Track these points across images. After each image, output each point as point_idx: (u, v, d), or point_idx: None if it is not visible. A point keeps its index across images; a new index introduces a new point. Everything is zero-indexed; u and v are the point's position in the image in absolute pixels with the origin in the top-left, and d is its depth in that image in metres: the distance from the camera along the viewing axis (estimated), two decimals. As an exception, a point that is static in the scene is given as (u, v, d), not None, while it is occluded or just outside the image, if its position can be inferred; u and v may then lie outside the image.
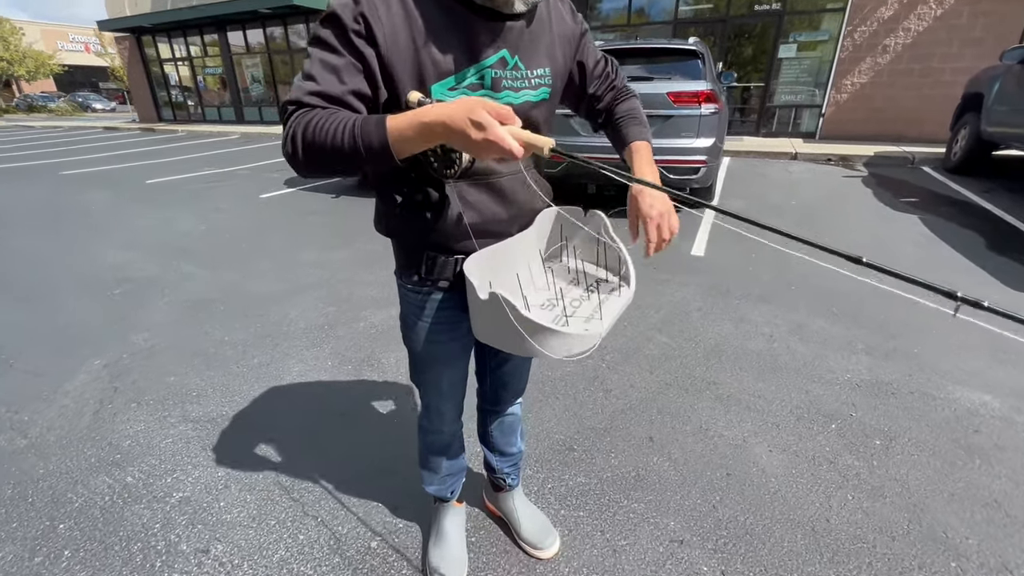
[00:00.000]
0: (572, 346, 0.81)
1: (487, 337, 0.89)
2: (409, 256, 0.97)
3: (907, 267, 2.34)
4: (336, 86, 0.73)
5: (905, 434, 1.77)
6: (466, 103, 0.65)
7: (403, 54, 0.75)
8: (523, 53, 0.83)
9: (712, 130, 4.19)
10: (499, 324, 0.79)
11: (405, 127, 0.68)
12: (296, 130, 0.72)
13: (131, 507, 1.49)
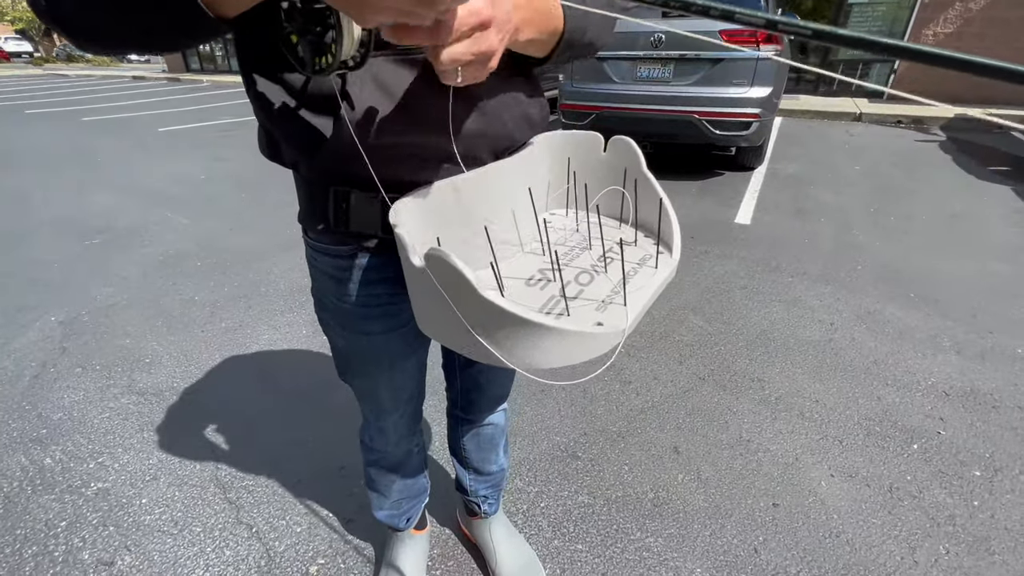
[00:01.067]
0: (572, 350, 0.44)
1: (433, 331, 0.54)
2: (312, 194, 0.61)
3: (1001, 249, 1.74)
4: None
5: (1016, 464, 1.35)
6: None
7: None
8: None
9: (770, 78, 3.58)
10: (447, 311, 0.44)
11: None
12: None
13: (40, 497, 1.25)
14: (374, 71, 0.49)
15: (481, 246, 0.54)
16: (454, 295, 0.42)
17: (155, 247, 2.75)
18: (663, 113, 3.76)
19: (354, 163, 0.51)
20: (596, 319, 0.47)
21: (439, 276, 0.42)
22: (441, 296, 0.43)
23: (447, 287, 0.42)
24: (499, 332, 0.42)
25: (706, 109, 3.65)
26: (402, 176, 0.54)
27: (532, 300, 0.52)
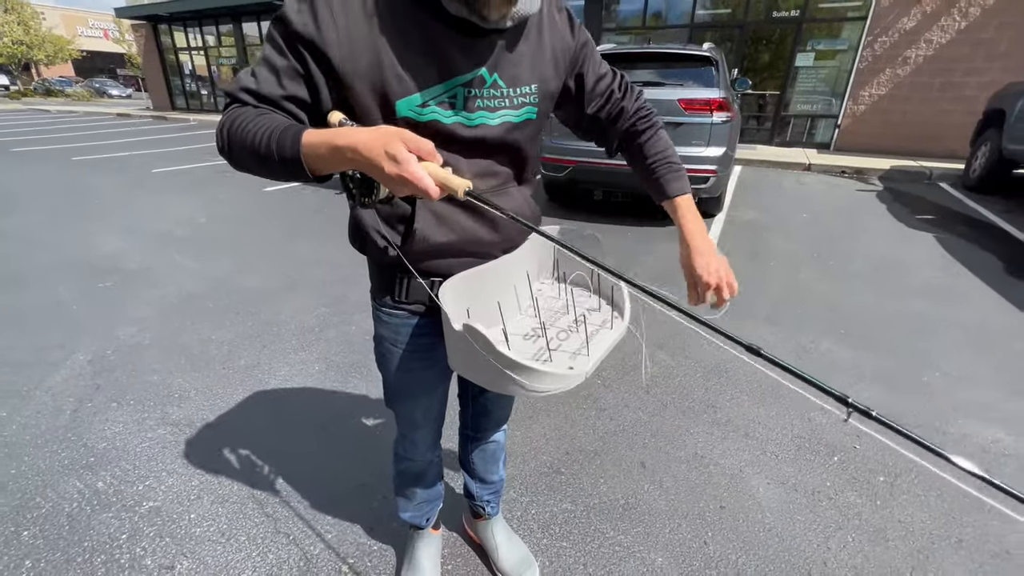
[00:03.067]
0: (552, 385, 0.74)
1: (463, 370, 0.83)
2: (382, 277, 0.90)
3: (921, 289, 2.24)
4: (274, 88, 0.69)
5: (911, 471, 1.68)
6: (385, 133, 0.60)
7: (363, 66, 0.68)
8: (504, 70, 0.75)
9: (723, 139, 4.09)
10: (475, 357, 0.72)
11: (319, 144, 0.62)
12: (225, 124, 0.68)
13: (99, 515, 1.44)
14: (435, 206, 0.80)
15: (495, 309, 0.84)
16: (484, 350, 0.71)
17: (167, 289, 2.95)
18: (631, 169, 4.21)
19: (414, 261, 0.81)
20: (569, 364, 0.77)
21: (474, 338, 0.71)
22: (473, 348, 0.72)
23: (484, 346, 0.71)
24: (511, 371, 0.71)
25: (669, 165, 4.11)
26: (443, 268, 0.84)
27: (528, 350, 0.82)
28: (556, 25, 0.82)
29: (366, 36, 0.67)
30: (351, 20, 0.67)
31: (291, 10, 0.66)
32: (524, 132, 0.82)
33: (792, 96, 9.09)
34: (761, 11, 8.92)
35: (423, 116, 0.72)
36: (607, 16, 10.25)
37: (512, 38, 0.76)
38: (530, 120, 0.82)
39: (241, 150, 0.67)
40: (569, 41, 0.83)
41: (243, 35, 15.35)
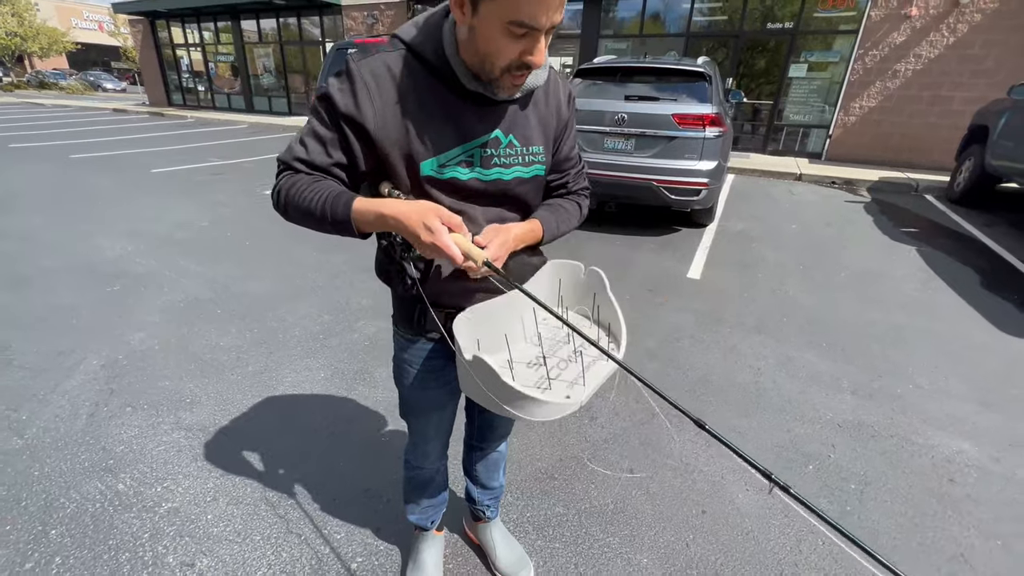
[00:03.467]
0: (550, 413, 0.84)
1: (472, 393, 0.93)
2: (403, 307, 1.00)
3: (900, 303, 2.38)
4: (322, 157, 0.81)
5: (881, 480, 1.80)
6: (423, 207, 0.73)
7: (393, 135, 0.79)
8: (518, 131, 0.87)
9: (715, 153, 4.22)
10: (482, 385, 0.83)
11: (367, 212, 0.76)
12: (282, 189, 0.82)
13: (121, 515, 1.54)
14: None
15: (502, 338, 0.95)
16: (489, 379, 0.82)
17: (174, 294, 3.03)
18: (626, 180, 4.34)
19: (432, 296, 0.91)
20: (566, 393, 0.88)
21: (481, 369, 0.81)
22: (484, 377, 0.82)
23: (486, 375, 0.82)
24: (512, 399, 0.82)
25: (663, 177, 4.24)
26: (458, 303, 0.95)
27: (529, 378, 0.93)
28: (559, 95, 0.93)
29: (396, 111, 0.78)
30: (384, 100, 0.77)
31: (335, 91, 0.77)
32: (532, 185, 0.94)
33: (785, 106, 9.26)
34: (756, 22, 9.08)
35: (443, 174, 0.83)
36: (604, 22, 10.37)
37: (523, 103, 0.87)
38: (538, 176, 0.93)
39: (296, 211, 0.80)
40: (564, 113, 0.95)
41: (241, 32, 15.33)
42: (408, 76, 0.79)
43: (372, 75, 0.77)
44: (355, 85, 0.76)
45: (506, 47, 0.71)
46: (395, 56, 0.79)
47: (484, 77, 0.77)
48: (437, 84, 0.80)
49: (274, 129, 12.04)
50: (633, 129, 4.27)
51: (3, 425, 1.89)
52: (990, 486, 1.79)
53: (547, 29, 0.70)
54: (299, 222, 0.83)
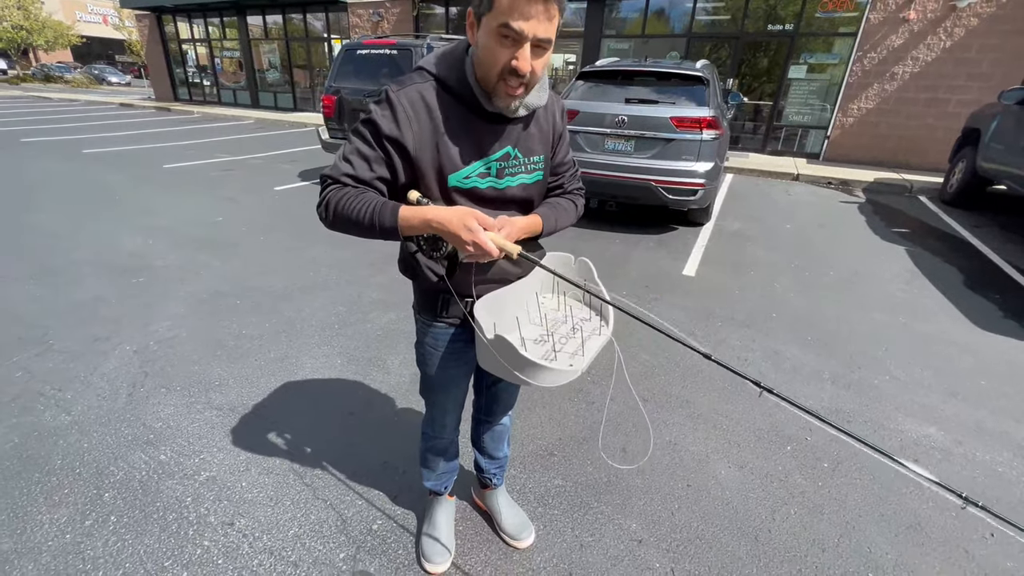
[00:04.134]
0: (558, 379, 1.01)
1: (490, 368, 1.10)
2: (427, 297, 1.17)
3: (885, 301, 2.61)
4: (366, 172, 0.96)
5: (852, 459, 1.98)
6: (463, 211, 0.89)
7: (427, 153, 0.96)
8: (523, 146, 1.04)
9: (712, 155, 4.38)
10: (501, 359, 0.99)
11: (412, 218, 0.91)
12: (330, 200, 0.96)
13: (165, 482, 1.71)
14: None
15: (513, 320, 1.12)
16: (508, 353, 0.99)
17: (195, 286, 3.21)
18: (626, 179, 4.50)
19: (455, 285, 1.08)
20: (569, 363, 1.05)
21: (503, 346, 0.98)
22: (504, 352, 0.99)
23: (508, 350, 0.98)
24: (527, 369, 0.99)
25: (661, 178, 4.40)
26: (475, 291, 1.11)
27: (538, 352, 1.10)
28: (554, 110, 1.11)
29: (430, 133, 0.95)
30: (420, 124, 0.94)
31: (379, 117, 0.93)
32: (534, 188, 1.11)
33: (785, 106, 9.39)
34: (758, 22, 9.20)
35: (466, 184, 1.00)
36: (607, 21, 10.49)
37: (527, 121, 1.04)
38: (539, 180, 1.11)
39: (344, 221, 0.94)
40: (559, 125, 1.13)
41: (247, 27, 15.45)
42: (437, 102, 0.95)
43: (410, 103, 0.94)
44: (396, 112, 0.93)
45: (498, 53, 0.87)
46: (427, 86, 0.96)
47: (487, 88, 0.93)
48: (460, 108, 0.96)
49: (280, 125, 12.19)
50: (633, 131, 4.43)
51: (51, 404, 2.07)
52: (951, 466, 1.96)
53: (533, 41, 0.85)
54: (344, 229, 0.97)
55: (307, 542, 1.53)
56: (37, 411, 2.02)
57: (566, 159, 1.20)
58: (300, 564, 1.46)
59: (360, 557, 1.49)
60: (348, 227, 0.95)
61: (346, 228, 0.96)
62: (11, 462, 1.77)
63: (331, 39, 14.12)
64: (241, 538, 1.53)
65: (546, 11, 0.83)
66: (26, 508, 1.59)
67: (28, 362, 2.34)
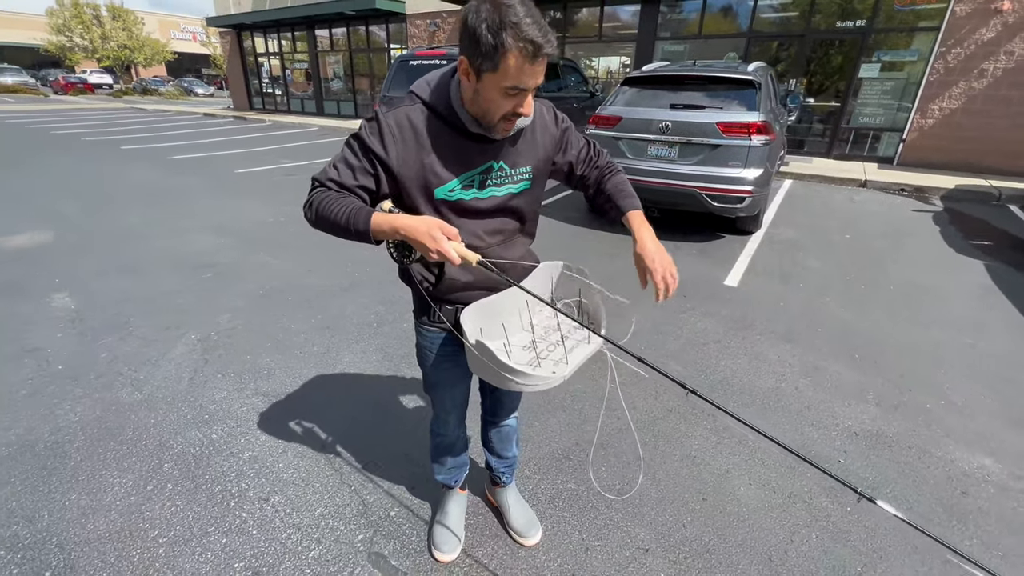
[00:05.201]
0: (539, 384, 1.06)
1: (477, 371, 1.16)
2: (421, 304, 1.26)
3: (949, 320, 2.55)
4: (350, 180, 1.04)
5: (888, 486, 1.86)
6: (427, 221, 0.96)
7: (412, 170, 1.04)
8: (508, 159, 1.11)
9: (761, 161, 4.21)
10: (483, 363, 1.06)
11: (383, 223, 0.99)
12: (314, 201, 1.05)
13: (214, 458, 1.92)
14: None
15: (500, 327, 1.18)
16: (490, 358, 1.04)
17: (253, 283, 3.51)
18: (669, 186, 4.42)
19: (444, 294, 1.16)
20: (552, 370, 1.10)
21: (481, 351, 1.04)
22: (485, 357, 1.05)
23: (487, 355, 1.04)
24: (506, 373, 1.04)
25: (706, 184, 4.29)
26: (464, 299, 1.18)
27: (523, 358, 1.15)
28: (545, 121, 1.16)
29: (415, 152, 1.03)
30: (405, 143, 1.03)
31: (366, 133, 1.03)
32: (522, 198, 1.17)
33: (854, 108, 8.79)
34: (830, 18, 8.67)
35: (451, 196, 1.08)
36: (663, 23, 10.28)
37: (514, 138, 1.11)
38: (526, 190, 1.17)
39: (324, 220, 1.03)
40: (554, 131, 1.17)
41: (316, 40, 16.49)
42: (423, 124, 1.04)
43: (396, 124, 1.03)
44: (383, 131, 1.02)
45: (503, 104, 0.95)
46: (415, 109, 1.04)
47: (485, 123, 1.01)
48: (446, 128, 1.04)
49: (341, 132, 12.90)
50: (677, 137, 4.34)
51: (127, 383, 2.36)
52: (1005, 502, 1.80)
53: (533, 89, 0.94)
54: (324, 229, 1.05)
55: (331, 522, 1.66)
56: (116, 388, 2.31)
57: (582, 150, 1.25)
58: (323, 541, 1.59)
59: (376, 540, 1.60)
60: (327, 227, 1.04)
61: (326, 227, 1.04)
62: (94, 431, 2.04)
63: (391, 49, 14.79)
64: (274, 513, 1.68)
65: (543, 66, 0.91)
66: (102, 471, 1.84)
67: (112, 345, 2.67)
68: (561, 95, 7.81)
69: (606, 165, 1.27)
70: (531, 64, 0.89)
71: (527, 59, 0.88)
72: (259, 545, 1.57)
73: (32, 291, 3.29)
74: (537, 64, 0.90)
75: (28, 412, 2.13)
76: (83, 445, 1.96)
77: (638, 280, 1.15)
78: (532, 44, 0.87)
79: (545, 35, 0.88)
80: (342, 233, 1.03)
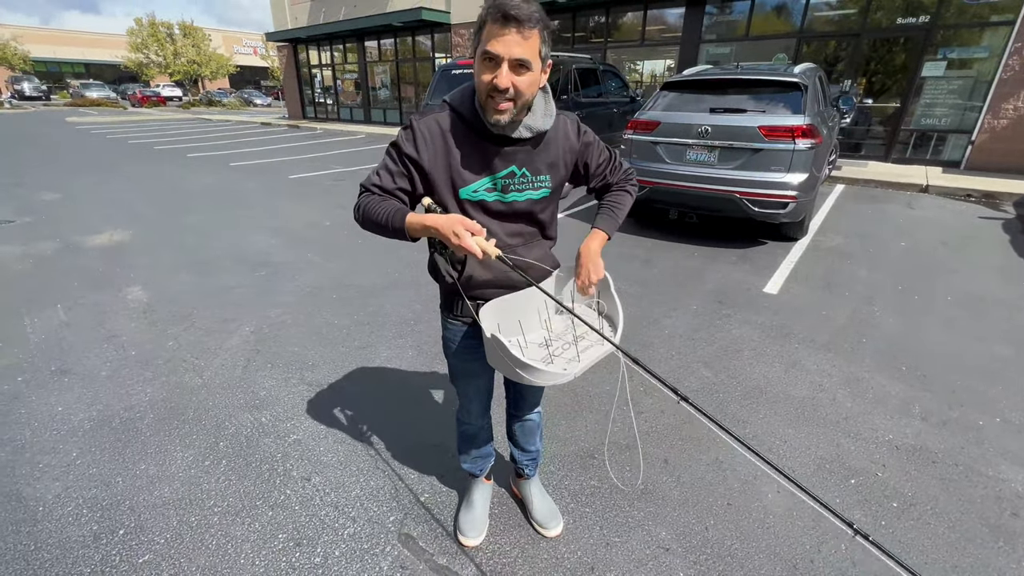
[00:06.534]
0: (549, 379, 1.12)
1: (493, 363, 1.23)
2: (446, 299, 1.35)
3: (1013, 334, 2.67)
4: (390, 183, 1.16)
5: (929, 502, 1.79)
6: (452, 219, 1.04)
7: (441, 171, 1.14)
8: (530, 166, 1.18)
9: (806, 165, 4.08)
10: (499, 356, 1.13)
11: (414, 222, 1.09)
12: (361, 204, 1.17)
13: (263, 439, 2.08)
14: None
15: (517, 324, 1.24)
16: (504, 352, 1.10)
17: (302, 280, 3.74)
18: (709, 191, 4.35)
19: (466, 290, 1.24)
20: (564, 367, 1.15)
21: (496, 344, 1.11)
22: (500, 350, 1.12)
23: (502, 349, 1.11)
24: (517, 367, 1.10)
25: (747, 190, 4.20)
26: (486, 295, 1.26)
27: (537, 354, 1.21)
28: (567, 132, 1.23)
29: (443, 154, 1.13)
30: (436, 145, 1.13)
31: (402, 140, 1.14)
32: (542, 204, 1.24)
33: (916, 108, 8.30)
34: (891, 14, 8.23)
35: (475, 197, 1.16)
36: (707, 27, 10.08)
37: (535, 144, 1.18)
38: (546, 196, 1.24)
39: (369, 221, 1.15)
40: (575, 143, 1.24)
41: (365, 51, 17.22)
42: (451, 129, 1.13)
43: (427, 129, 1.13)
44: (415, 136, 1.12)
45: (483, 75, 1.03)
46: (443, 115, 1.14)
47: (483, 107, 1.08)
48: (471, 133, 1.13)
49: (387, 139, 13.39)
50: (717, 141, 4.28)
51: (189, 368, 2.59)
52: (1062, 527, 1.69)
53: (510, 63, 1.00)
54: (370, 229, 1.17)
55: (365, 503, 1.77)
56: (180, 372, 2.55)
57: (601, 160, 1.32)
58: (357, 520, 1.71)
59: (406, 522, 1.70)
60: (372, 227, 1.15)
61: (371, 228, 1.16)
62: (162, 409, 2.26)
63: (436, 58, 15.23)
64: (315, 492, 1.82)
65: (519, 34, 0.98)
66: (167, 446, 2.04)
67: (178, 334, 2.93)
68: (601, 100, 7.82)
69: (617, 180, 1.35)
70: (501, 28, 0.97)
71: (496, 24, 0.97)
72: (300, 520, 1.70)
73: (111, 285, 3.65)
74: (508, 31, 0.97)
75: (107, 391, 2.39)
76: (152, 422, 2.18)
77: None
78: (497, 9, 0.96)
79: (517, 6, 0.96)
80: (384, 232, 1.14)
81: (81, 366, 2.59)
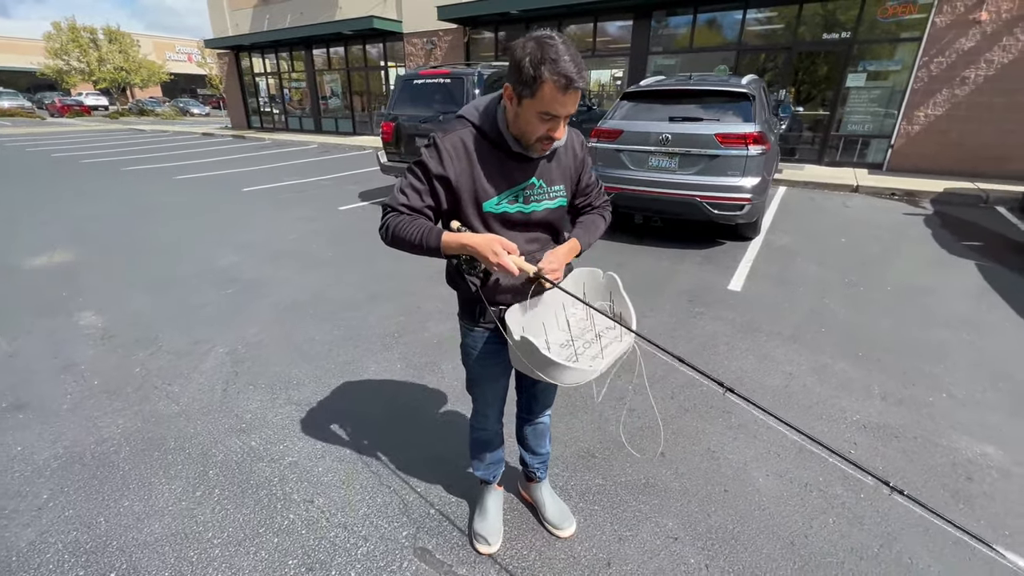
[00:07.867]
0: (578, 377, 1.17)
1: (519, 366, 1.27)
2: (466, 306, 1.38)
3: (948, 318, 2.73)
4: (418, 202, 1.19)
5: (898, 474, 1.97)
6: (490, 239, 1.10)
7: (466, 186, 1.18)
8: (546, 176, 1.25)
9: (758, 170, 4.38)
10: (526, 358, 1.17)
11: (451, 242, 1.13)
12: (389, 224, 1.19)
13: (256, 464, 2.00)
14: None
15: (541, 325, 1.29)
16: (532, 353, 1.15)
17: (276, 297, 3.60)
18: (671, 196, 4.57)
19: (489, 296, 1.28)
20: (590, 364, 1.20)
21: (527, 345, 1.15)
22: (528, 352, 1.16)
23: (531, 350, 1.15)
24: (548, 367, 1.15)
25: (707, 194, 4.45)
26: (507, 301, 1.30)
27: (560, 354, 1.26)
28: (574, 145, 1.31)
29: (468, 170, 1.17)
30: (460, 162, 1.16)
31: (428, 157, 1.16)
32: (557, 213, 1.31)
33: (843, 116, 9.06)
34: (812, 32, 8.98)
35: (497, 209, 1.21)
36: (654, 39, 10.58)
37: (548, 157, 1.25)
38: (561, 206, 1.31)
39: (399, 240, 1.17)
40: (579, 155, 1.32)
41: (313, 60, 16.77)
42: (475, 145, 1.18)
43: (452, 146, 1.16)
44: (441, 153, 1.15)
45: (538, 127, 1.10)
46: (466, 132, 1.18)
47: (523, 143, 1.15)
48: (493, 149, 1.18)
49: (341, 148, 13.08)
50: (677, 148, 4.51)
51: (163, 395, 2.44)
52: (1008, 485, 1.91)
53: (564, 116, 1.08)
54: (399, 247, 1.19)
55: (375, 520, 1.74)
56: (153, 400, 2.40)
57: (591, 180, 1.40)
58: (369, 538, 1.68)
59: (420, 536, 1.69)
60: (402, 246, 1.18)
61: (401, 246, 1.19)
62: (138, 441, 2.12)
63: (388, 67, 15.06)
64: (320, 513, 1.77)
65: (577, 94, 1.05)
66: (150, 479, 1.92)
67: (144, 360, 2.76)
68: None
69: (598, 205, 1.44)
70: (563, 94, 1.03)
71: (559, 90, 1.02)
72: (309, 543, 1.65)
73: (61, 309, 3.37)
74: (569, 95, 1.04)
75: (72, 425, 2.21)
76: (129, 455, 2.04)
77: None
78: (565, 77, 1.01)
79: (579, 71, 1.02)
80: (416, 250, 1.17)
81: (38, 400, 2.39)
